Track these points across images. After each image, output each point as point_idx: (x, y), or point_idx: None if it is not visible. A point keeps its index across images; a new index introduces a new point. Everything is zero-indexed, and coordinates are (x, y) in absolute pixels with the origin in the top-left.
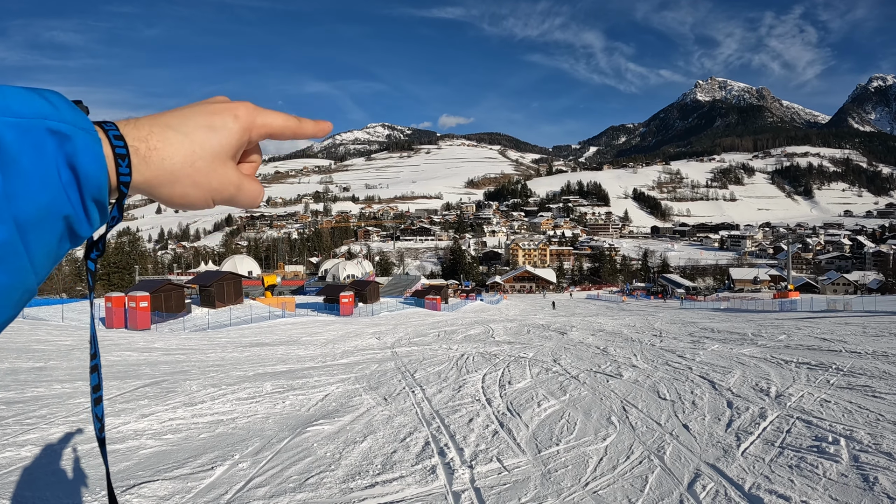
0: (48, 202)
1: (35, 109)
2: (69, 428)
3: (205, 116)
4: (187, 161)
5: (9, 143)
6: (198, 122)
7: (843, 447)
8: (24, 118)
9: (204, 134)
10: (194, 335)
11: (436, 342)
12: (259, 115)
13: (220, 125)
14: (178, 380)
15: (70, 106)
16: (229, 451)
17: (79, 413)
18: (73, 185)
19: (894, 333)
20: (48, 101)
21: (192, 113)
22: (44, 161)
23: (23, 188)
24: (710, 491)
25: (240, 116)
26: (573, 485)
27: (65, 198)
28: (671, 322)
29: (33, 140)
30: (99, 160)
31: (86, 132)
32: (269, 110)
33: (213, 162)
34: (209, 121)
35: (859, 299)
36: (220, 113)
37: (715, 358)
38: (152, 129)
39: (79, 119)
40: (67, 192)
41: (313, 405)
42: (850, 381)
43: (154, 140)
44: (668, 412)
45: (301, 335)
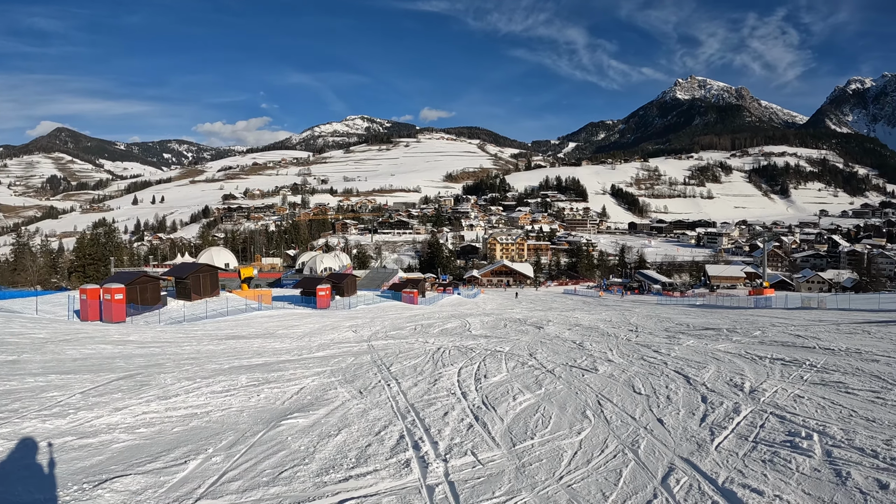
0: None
1: None
2: (42, 422)
3: None
4: None
5: None
6: None
7: (817, 442)
8: None
9: None
10: (170, 328)
11: (412, 336)
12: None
13: None
14: (153, 373)
15: None
16: (203, 445)
17: (52, 407)
18: None
19: (867, 331)
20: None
21: None
22: None
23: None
24: (683, 485)
25: None
26: (547, 478)
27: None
28: (647, 317)
29: None
30: None
31: None
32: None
33: None
34: None
35: (833, 297)
36: None
37: (690, 353)
38: None
39: None
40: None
41: (288, 398)
42: (824, 377)
43: None
44: (643, 406)
45: (277, 328)
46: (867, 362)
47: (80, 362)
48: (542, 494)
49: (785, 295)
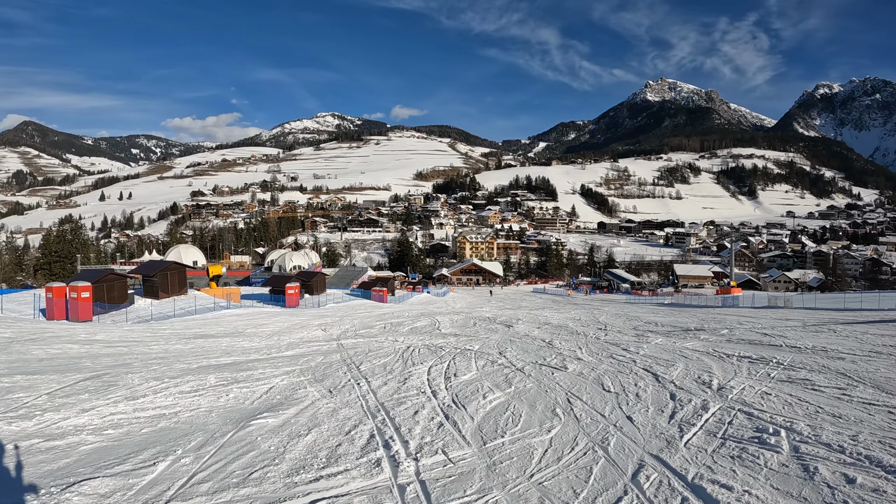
0: None
1: None
2: (7, 424)
3: None
4: None
5: None
6: None
7: (784, 438)
8: None
9: None
10: (137, 327)
11: (382, 334)
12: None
13: None
14: (120, 373)
15: None
16: (171, 447)
17: (18, 409)
18: None
19: (833, 329)
20: None
21: None
22: None
23: None
24: (653, 481)
25: None
26: (518, 476)
27: None
28: (616, 316)
29: None
30: None
31: None
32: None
33: None
34: None
35: (800, 296)
36: None
37: (659, 351)
38: None
39: None
40: None
41: (257, 398)
42: (790, 374)
43: None
44: (613, 404)
45: (246, 327)
46: (833, 360)
47: (47, 362)
48: (514, 492)
49: (752, 294)
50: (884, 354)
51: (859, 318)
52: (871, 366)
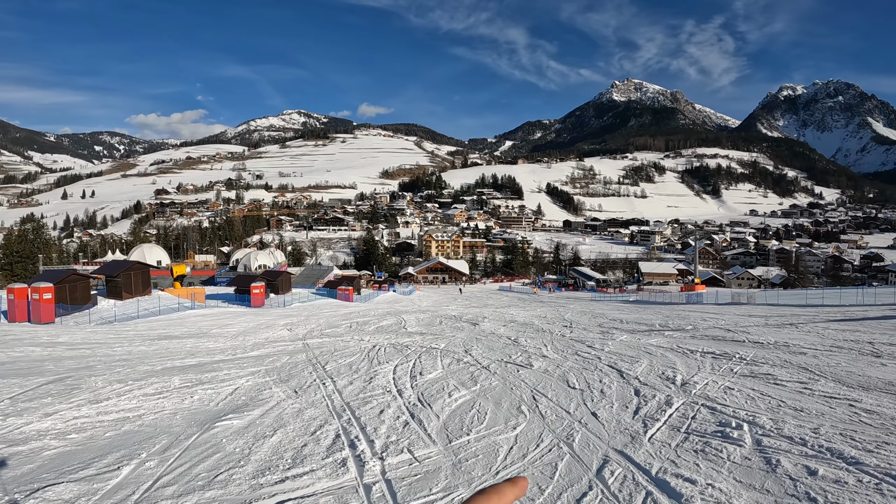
0: None
1: None
2: None
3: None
4: None
5: None
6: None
7: (747, 432)
8: None
9: None
10: (100, 328)
11: (348, 333)
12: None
13: None
14: (83, 376)
15: None
16: (136, 450)
17: None
18: None
19: (795, 325)
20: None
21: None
22: None
23: None
24: (618, 476)
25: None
26: (484, 473)
27: None
28: (581, 313)
29: None
30: None
31: None
32: None
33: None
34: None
35: (762, 293)
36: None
37: (623, 348)
38: None
39: None
40: None
41: (222, 399)
42: (753, 369)
43: None
44: (578, 401)
45: (211, 327)
46: (795, 355)
47: (8, 366)
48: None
49: (716, 291)
50: (844, 349)
51: (820, 314)
52: (832, 360)
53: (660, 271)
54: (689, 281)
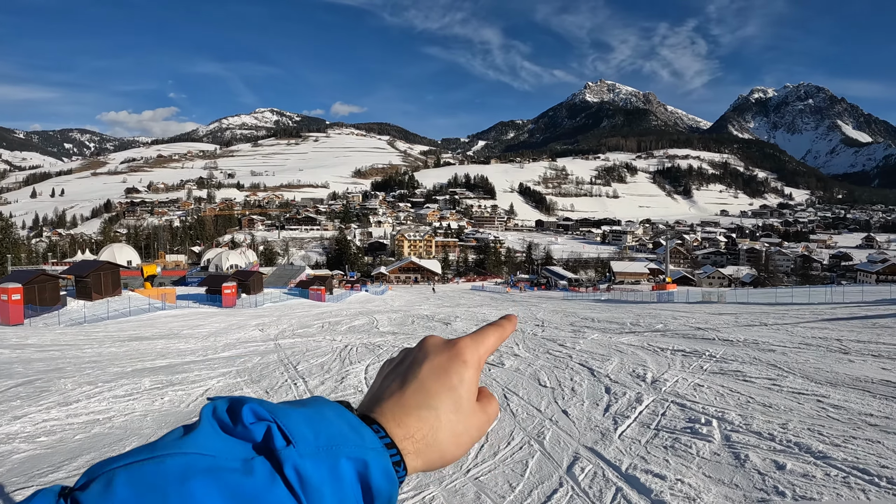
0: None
1: (332, 438)
2: None
3: (442, 379)
4: (449, 433)
5: (310, 475)
6: (440, 391)
7: (716, 428)
8: (324, 449)
9: (449, 398)
10: (70, 329)
11: (319, 333)
12: (480, 345)
13: (457, 382)
14: (53, 378)
15: (354, 425)
16: (106, 453)
17: None
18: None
19: (764, 323)
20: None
21: (428, 381)
22: (341, 486)
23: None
24: (588, 473)
25: (468, 361)
26: (455, 472)
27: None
28: (553, 312)
29: (333, 469)
30: (389, 476)
31: (375, 451)
32: (482, 334)
33: (466, 419)
34: (448, 383)
35: (733, 292)
36: (453, 369)
37: (594, 346)
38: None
39: (367, 439)
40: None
41: (193, 401)
42: (723, 366)
43: (419, 433)
44: (549, 399)
45: (182, 328)
46: (764, 352)
47: None
48: (450, 488)
49: (687, 290)
50: (813, 346)
51: (790, 312)
52: (801, 357)
53: (631, 270)
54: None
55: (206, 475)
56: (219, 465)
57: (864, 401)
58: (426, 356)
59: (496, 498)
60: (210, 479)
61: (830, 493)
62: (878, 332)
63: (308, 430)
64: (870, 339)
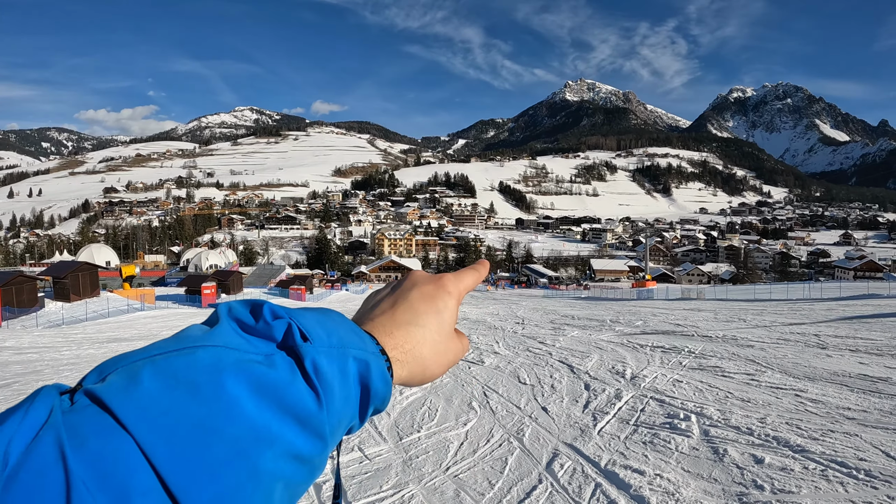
0: (347, 417)
1: (341, 339)
2: None
3: (430, 303)
4: (432, 350)
5: (325, 370)
6: (428, 311)
7: (695, 423)
8: (336, 348)
9: (435, 319)
10: (48, 332)
11: None
12: (461, 281)
13: (443, 307)
14: (30, 381)
15: (356, 331)
16: None
17: None
18: (362, 401)
19: (743, 319)
20: (349, 332)
21: (417, 303)
22: (347, 384)
23: (333, 407)
24: (567, 469)
25: (451, 292)
26: (434, 470)
27: (356, 411)
28: (534, 310)
29: (342, 367)
30: (385, 379)
31: (374, 355)
32: (462, 273)
33: (448, 340)
34: (435, 306)
35: (712, 288)
36: (439, 295)
37: (574, 343)
38: (401, 333)
39: (369, 346)
40: (360, 406)
41: None
42: (702, 362)
43: (407, 345)
44: (528, 396)
45: (161, 329)
46: (742, 347)
47: None
48: (430, 486)
49: (666, 287)
50: (791, 342)
51: (768, 308)
52: (779, 352)
53: (612, 268)
54: (640, 277)
55: (234, 367)
56: (246, 359)
57: (842, 395)
58: (415, 284)
59: (475, 495)
60: (238, 371)
61: (809, 487)
62: (855, 327)
63: (321, 331)
64: (847, 334)
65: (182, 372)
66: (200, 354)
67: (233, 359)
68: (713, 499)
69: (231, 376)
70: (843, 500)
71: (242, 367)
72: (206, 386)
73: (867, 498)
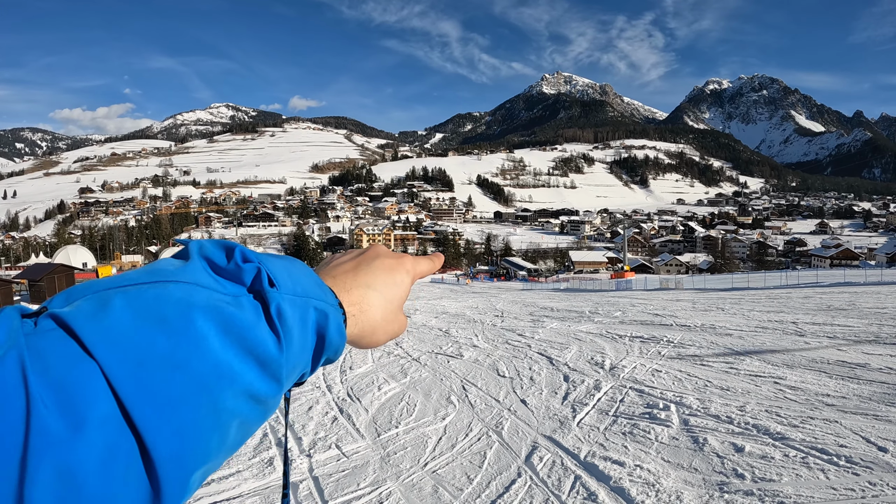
0: (302, 363)
1: (305, 289)
2: None
3: (389, 274)
4: (383, 315)
5: (288, 316)
6: (386, 281)
7: (674, 412)
8: (299, 297)
9: (391, 290)
10: None
11: None
12: (417, 264)
13: (400, 281)
14: None
15: (319, 283)
16: None
17: None
18: (316, 350)
19: (721, 308)
20: (312, 283)
21: (378, 271)
22: (306, 332)
23: (291, 353)
24: (546, 462)
25: (409, 270)
26: (412, 466)
27: (310, 359)
28: (513, 303)
29: (303, 316)
30: (341, 332)
31: (333, 307)
32: (420, 259)
33: (397, 312)
34: (393, 278)
35: (690, 278)
36: (398, 270)
37: (553, 335)
38: (359, 293)
39: (329, 297)
40: (314, 355)
41: None
42: (680, 351)
43: (363, 304)
44: (507, 389)
45: None
46: (721, 336)
47: None
48: (408, 482)
49: (645, 277)
50: (769, 329)
51: (746, 297)
52: (758, 340)
53: (590, 260)
54: (618, 268)
55: (204, 305)
56: (215, 298)
57: (821, 381)
58: (378, 255)
59: (454, 490)
60: (208, 309)
61: (790, 474)
62: (832, 314)
63: (288, 279)
64: (825, 321)
65: (153, 305)
66: (172, 289)
67: (203, 296)
68: (694, 488)
69: (200, 314)
70: (824, 488)
71: (212, 306)
72: (175, 321)
73: (848, 485)
